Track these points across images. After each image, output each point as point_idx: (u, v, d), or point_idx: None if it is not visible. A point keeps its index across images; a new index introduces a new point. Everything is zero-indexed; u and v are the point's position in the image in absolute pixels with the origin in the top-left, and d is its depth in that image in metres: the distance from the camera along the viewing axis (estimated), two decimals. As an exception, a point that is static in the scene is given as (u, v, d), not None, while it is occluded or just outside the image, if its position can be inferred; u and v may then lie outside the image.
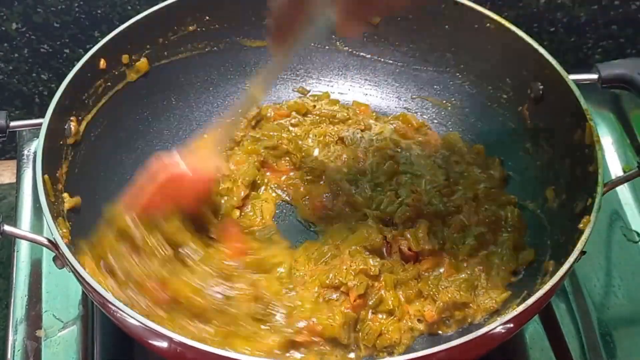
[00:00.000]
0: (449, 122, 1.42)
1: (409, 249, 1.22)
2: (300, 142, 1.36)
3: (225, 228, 1.19)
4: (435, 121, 1.43)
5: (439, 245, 1.22)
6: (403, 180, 1.31)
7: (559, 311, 1.28)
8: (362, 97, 1.46)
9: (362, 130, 1.39)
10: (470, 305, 1.18)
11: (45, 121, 1.19)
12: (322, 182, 1.32)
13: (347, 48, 1.46)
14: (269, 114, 1.41)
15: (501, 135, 1.37)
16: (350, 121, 1.41)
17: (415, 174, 1.32)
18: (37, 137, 1.18)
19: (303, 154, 1.35)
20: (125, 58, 1.33)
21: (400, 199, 1.27)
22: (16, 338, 1.24)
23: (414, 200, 1.26)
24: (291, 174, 1.34)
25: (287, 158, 1.35)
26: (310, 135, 1.38)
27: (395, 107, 1.45)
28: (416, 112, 1.44)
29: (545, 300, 1.07)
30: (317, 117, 1.41)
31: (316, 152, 1.36)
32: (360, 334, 1.15)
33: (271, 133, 1.36)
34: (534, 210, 1.28)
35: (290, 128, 1.39)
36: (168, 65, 1.40)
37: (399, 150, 1.36)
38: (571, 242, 1.11)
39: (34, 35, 1.58)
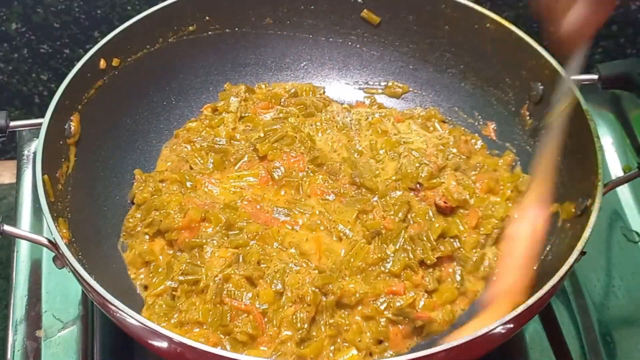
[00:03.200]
0: (448, 122, 1.42)
1: (445, 202, 1.25)
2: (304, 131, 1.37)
3: None
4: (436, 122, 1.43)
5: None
6: (400, 150, 1.32)
7: (559, 311, 1.28)
8: (361, 97, 1.46)
9: (348, 111, 1.41)
10: None
11: (45, 121, 1.19)
12: (323, 170, 1.32)
13: (346, 48, 1.46)
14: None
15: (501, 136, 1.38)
16: (329, 107, 1.41)
17: (408, 141, 1.34)
18: (37, 137, 1.18)
19: (310, 142, 1.35)
20: (125, 58, 1.33)
21: (416, 163, 1.29)
22: (16, 338, 1.24)
23: (429, 160, 1.30)
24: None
25: (298, 146, 1.34)
26: (307, 125, 1.38)
27: (396, 107, 1.45)
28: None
29: (545, 300, 1.07)
30: (303, 107, 1.40)
31: (319, 136, 1.37)
32: None
33: (274, 127, 1.36)
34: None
35: (290, 119, 1.39)
36: (168, 65, 1.40)
37: (386, 122, 1.38)
38: (571, 242, 1.11)
39: (34, 36, 1.58)
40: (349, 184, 1.29)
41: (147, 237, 1.26)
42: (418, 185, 1.28)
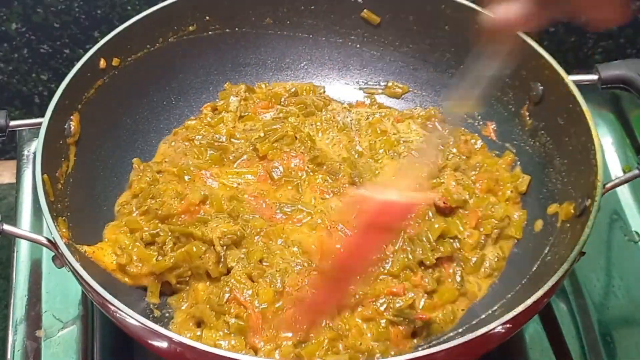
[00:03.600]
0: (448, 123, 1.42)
1: (444, 202, 1.25)
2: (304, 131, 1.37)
3: None
4: (435, 122, 1.43)
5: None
6: (400, 149, 1.33)
7: (559, 311, 1.28)
8: (361, 97, 1.46)
9: (348, 110, 1.41)
10: None
11: (45, 121, 1.19)
12: (323, 170, 1.32)
13: (346, 48, 1.46)
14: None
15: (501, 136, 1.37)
16: (329, 106, 1.41)
17: (408, 141, 1.35)
18: (37, 137, 1.18)
19: (310, 142, 1.35)
20: (125, 58, 1.33)
21: (416, 163, 1.29)
22: (16, 338, 1.24)
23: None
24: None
25: (298, 146, 1.34)
26: (307, 125, 1.38)
27: (395, 107, 1.45)
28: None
29: (545, 300, 1.07)
30: (303, 106, 1.40)
31: (320, 136, 1.37)
32: None
33: (274, 127, 1.36)
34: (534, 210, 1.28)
35: (290, 119, 1.38)
36: (168, 65, 1.40)
37: (385, 122, 1.39)
38: (571, 242, 1.11)
39: (34, 36, 1.58)
40: (349, 183, 1.29)
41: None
42: (418, 186, 1.28)
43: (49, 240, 1.12)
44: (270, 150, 1.32)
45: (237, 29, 1.43)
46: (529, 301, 1.03)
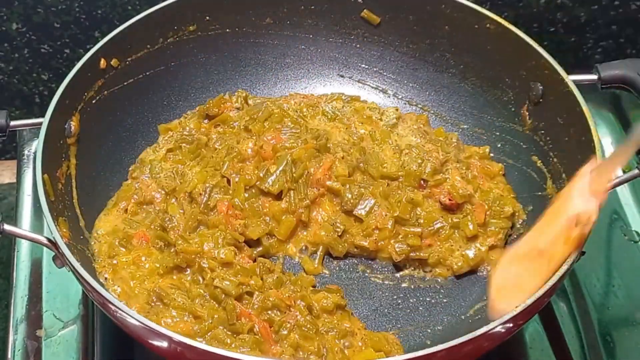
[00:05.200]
0: (449, 122, 1.42)
1: (450, 199, 1.25)
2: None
3: None
4: (436, 121, 1.43)
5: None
6: (402, 146, 1.33)
7: (559, 311, 1.28)
8: (362, 97, 1.46)
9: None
10: None
11: (45, 121, 1.19)
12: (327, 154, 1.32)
13: (346, 48, 1.46)
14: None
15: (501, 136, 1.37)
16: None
17: (403, 135, 1.36)
18: (37, 137, 1.18)
19: (303, 121, 1.36)
20: (125, 58, 1.33)
21: (418, 160, 1.29)
22: (16, 338, 1.24)
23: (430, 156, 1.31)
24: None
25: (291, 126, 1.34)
26: (291, 112, 1.38)
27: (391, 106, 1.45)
28: (416, 112, 1.44)
29: (545, 300, 1.07)
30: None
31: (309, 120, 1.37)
32: None
33: (256, 108, 1.37)
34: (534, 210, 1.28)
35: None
36: (168, 65, 1.40)
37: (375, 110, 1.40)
38: (571, 242, 1.11)
39: (34, 36, 1.58)
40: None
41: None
42: (422, 182, 1.28)
43: (49, 240, 1.12)
44: (262, 129, 1.32)
45: (237, 29, 1.43)
46: (529, 301, 1.03)
